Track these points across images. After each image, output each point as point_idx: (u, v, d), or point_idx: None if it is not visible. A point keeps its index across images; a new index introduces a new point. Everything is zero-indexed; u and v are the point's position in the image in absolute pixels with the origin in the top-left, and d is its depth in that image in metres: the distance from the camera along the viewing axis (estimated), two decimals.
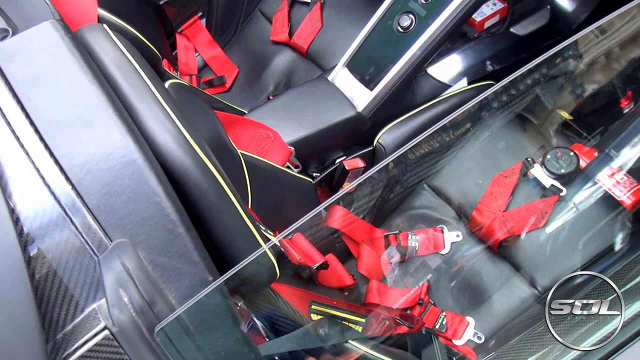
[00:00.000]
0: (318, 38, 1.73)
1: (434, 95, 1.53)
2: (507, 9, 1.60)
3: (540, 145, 1.42)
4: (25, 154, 0.57)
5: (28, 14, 0.69)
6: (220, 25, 1.87)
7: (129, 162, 0.58)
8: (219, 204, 0.68)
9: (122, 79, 0.67)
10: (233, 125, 1.33)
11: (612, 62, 1.43)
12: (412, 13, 1.39)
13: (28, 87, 0.60)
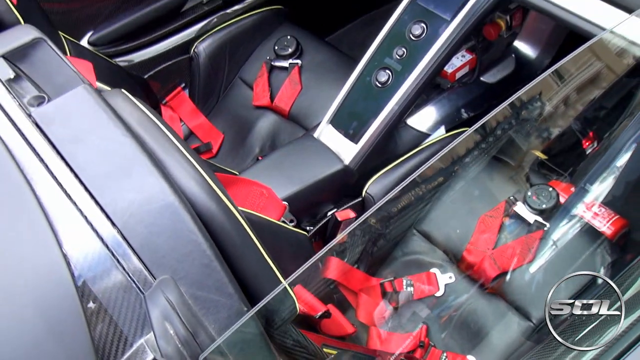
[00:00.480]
0: (299, 100, 1.84)
1: (415, 145, 1.63)
2: (476, 59, 1.74)
3: (519, 185, 1.52)
4: (73, 204, 0.63)
5: (57, 82, 0.76)
6: (202, 94, 1.98)
7: (167, 205, 0.64)
8: (243, 243, 0.75)
9: (146, 135, 0.74)
10: (228, 185, 1.40)
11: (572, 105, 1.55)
12: (388, 69, 1.51)
13: (70, 145, 0.67)
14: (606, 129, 1.50)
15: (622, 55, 1.35)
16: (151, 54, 1.96)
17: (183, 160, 0.75)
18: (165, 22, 1.97)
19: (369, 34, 1.67)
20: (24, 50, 0.78)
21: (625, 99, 1.46)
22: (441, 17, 1.48)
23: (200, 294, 0.64)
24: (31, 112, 0.71)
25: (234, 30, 1.99)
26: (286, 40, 1.93)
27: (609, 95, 1.48)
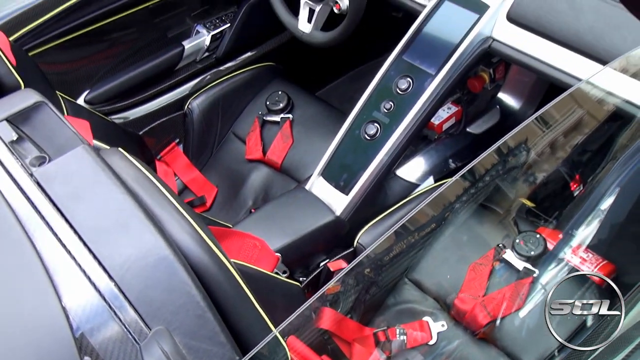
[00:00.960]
0: (290, 153, 1.89)
1: (404, 195, 1.67)
2: (461, 111, 1.80)
3: (507, 232, 1.55)
4: (72, 259, 0.67)
5: (58, 143, 0.81)
6: (196, 149, 2.03)
7: (162, 259, 0.68)
8: (235, 294, 0.78)
9: (142, 191, 0.78)
10: (222, 238, 1.43)
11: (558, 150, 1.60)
12: (376, 122, 1.56)
13: (69, 203, 0.71)
14: (590, 173, 1.54)
15: (602, 102, 1.41)
16: (146, 111, 2.02)
17: (177, 215, 0.78)
18: (159, 80, 2.04)
19: (358, 88, 1.73)
20: (26, 113, 0.82)
21: (607, 143, 1.51)
22: (426, 71, 1.54)
23: (194, 344, 0.66)
24: (33, 171, 0.75)
25: (226, 87, 2.05)
26: (277, 96, 2.00)
27: (592, 139, 1.53)
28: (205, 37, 2.09)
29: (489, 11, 1.49)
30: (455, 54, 1.51)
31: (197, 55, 2.11)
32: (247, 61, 2.21)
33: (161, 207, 0.78)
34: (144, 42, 2.00)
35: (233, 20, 2.14)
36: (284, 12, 1.87)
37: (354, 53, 2.35)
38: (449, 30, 1.54)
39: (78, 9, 1.73)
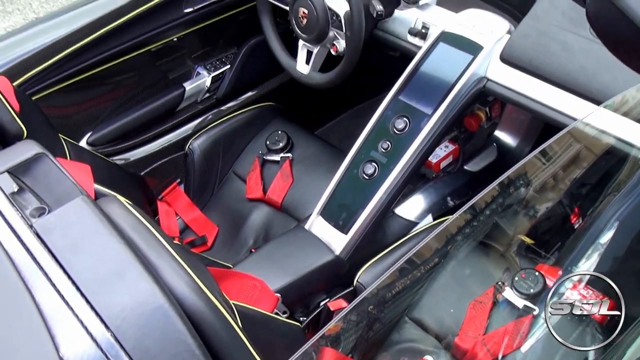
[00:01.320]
0: (290, 192, 1.90)
1: (403, 233, 1.68)
2: (459, 149, 1.82)
3: (505, 268, 1.56)
4: (69, 309, 0.68)
5: (57, 193, 0.83)
6: (197, 189, 2.05)
7: (158, 307, 0.69)
8: (232, 342, 0.79)
9: (139, 240, 0.80)
10: (222, 279, 1.44)
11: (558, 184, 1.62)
12: (374, 162, 1.58)
13: (68, 253, 0.72)
14: (589, 206, 1.55)
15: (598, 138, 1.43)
16: (147, 152, 2.05)
17: (173, 262, 0.80)
18: (161, 121, 2.07)
19: (357, 125, 1.75)
20: (27, 165, 0.84)
21: (605, 177, 1.52)
22: (422, 111, 1.57)
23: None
24: (32, 222, 0.77)
25: (227, 127, 2.08)
26: (277, 135, 2.02)
27: (590, 173, 1.54)
28: (206, 78, 2.13)
29: (483, 52, 1.52)
30: (451, 93, 1.53)
31: (198, 96, 2.14)
32: (247, 101, 2.25)
33: (158, 254, 0.80)
34: (146, 84, 2.03)
35: (233, 62, 2.18)
36: (283, 54, 1.91)
37: (353, 91, 2.39)
38: (444, 70, 1.57)
39: (81, 54, 1.76)
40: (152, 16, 1.87)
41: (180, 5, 1.93)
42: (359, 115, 2.50)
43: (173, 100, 2.06)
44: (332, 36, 1.73)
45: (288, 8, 1.80)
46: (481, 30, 1.55)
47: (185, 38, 2.06)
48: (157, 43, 1.98)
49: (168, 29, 1.95)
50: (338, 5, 1.66)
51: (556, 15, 1.45)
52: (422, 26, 1.68)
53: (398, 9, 1.73)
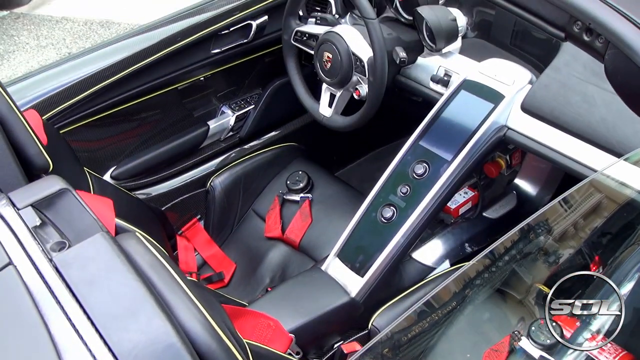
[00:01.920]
0: (309, 232, 1.91)
1: (420, 278, 1.67)
2: (478, 196, 1.82)
3: (522, 317, 1.54)
4: (83, 344, 0.69)
5: (78, 228, 0.85)
6: (217, 226, 2.06)
7: (169, 346, 0.70)
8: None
9: (156, 277, 0.81)
10: (237, 317, 1.45)
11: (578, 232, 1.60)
12: (393, 205, 1.58)
13: (85, 288, 0.74)
14: (610, 255, 1.53)
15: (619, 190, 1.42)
16: (169, 188, 2.08)
17: (188, 300, 0.81)
18: (183, 158, 2.10)
19: (378, 168, 1.76)
20: (51, 199, 0.87)
21: (627, 227, 1.51)
22: (442, 157, 1.57)
23: None
24: (52, 257, 0.79)
25: (249, 166, 2.11)
26: (298, 175, 2.04)
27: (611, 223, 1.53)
28: (230, 117, 2.17)
29: (504, 101, 1.53)
30: (471, 141, 1.54)
31: (222, 134, 2.18)
32: (270, 141, 2.28)
33: (172, 292, 0.81)
34: (171, 121, 2.07)
35: (257, 102, 2.22)
36: (306, 97, 1.94)
37: (374, 135, 2.41)
38: (465, 118, 1.58)
39: (110, 90, 1.80)
40: (181, 55, 1.92)
41: (208, 46, 1.98)
42: (379, 159, 2.52)
43: (197, 138, 2.10)
44: (355, 80, 1.75)
45: (313, 52, 1.83)
46: (503, 79, 1.56)
47: (211, 77, 2.10)
48: (184, 82, 2.03)
49: (195, 69, 2.00)
50: (362, 51, 1.69)
51: (577, 67, 1.46)
52: (444, 73, 1.70)
53: (421, 56, 1.75)
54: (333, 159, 2.47)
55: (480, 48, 1.78)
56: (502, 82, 1.56)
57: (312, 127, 2.26)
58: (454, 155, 1.56)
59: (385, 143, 2.55)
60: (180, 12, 1.97)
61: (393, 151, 1.71)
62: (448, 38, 1.64)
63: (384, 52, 1.62)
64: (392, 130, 2.43)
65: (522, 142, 1.52)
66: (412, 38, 1.73)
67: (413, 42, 1.73)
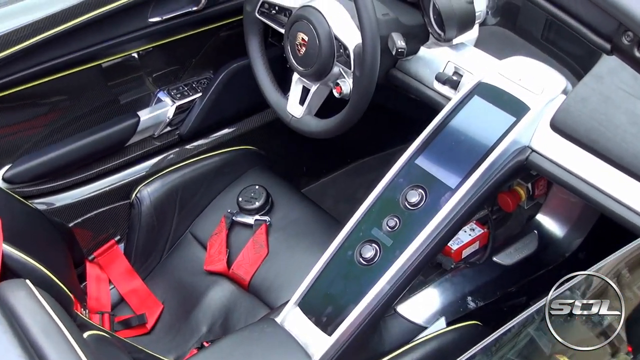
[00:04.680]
0: (263, 268, 1.89)
1: (406, 339, 1.66)
2: (488, 235, 1.81)
3: None
4: None
5: None
6: (142, 251, 2.04)
7: None
8: None
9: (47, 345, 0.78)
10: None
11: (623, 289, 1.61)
12: (376, 242, 1.56)
13: None
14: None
15: None
16: (80, 197, 2.04)
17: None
18: (103, 158, 2.07)
19: (359, 185, 1.75)
20: None
21: None
22: (444, 183, 1.56)
23: None
24: None
25: (188, 173, 2.08)
26: (254, 191, 2.02)
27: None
28: (168, 107, 2.15)
29: (529, 115, 1.52)
30: (484, 163, 1.53)
31: (156, 129, 2.15)
32: (220, 142, 2.26)
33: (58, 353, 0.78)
34: (88, 108, 2.03)
35: (206, 89, 2.20)
36: (271, 88, 1.92)
37: (357, 141, 2.40)
38: (477, 132, 1.57)
39: (7, 63, 1.76)
40: (107, 23, 1.89)
41: (145, 12, 1.95)
42: (361, 173, 2.51)
43: (122, 132, 2.07)
44: (337, 73, 1.74)
45: (283, 31, 1.81)
46: (529, 85, 1.56)
47: (147, 54, 2.08)
48: (111, 57, 2.00)
49: (126, 41, 1.97)
50: (347, 35, 1.67)
51: (626, 78, 1.46)
52: (453, 72, 1.69)
53: (424, 46, 1.75)
54: (301, 171, 2.45)
55: (503, 41, 1.77)
56: (528, 89, 1.56)
57: (276, 128, 2.24)
58: (461, 180, 1.55)
59: (370, 153, 2.55)
60: None
61: (380, 164, 1.70)
62: (461, 25, 1.63)
63: (377, 39, 1.60)
64: (381, 137, 2.42)
65: (549, 170, 1.52)
66: (415, 22, 1.72)
67: (415, 28, 1.72)
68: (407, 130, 1.68)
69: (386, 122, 2.29)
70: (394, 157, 1.65)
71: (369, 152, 2.56)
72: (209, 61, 2.23)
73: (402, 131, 1.84)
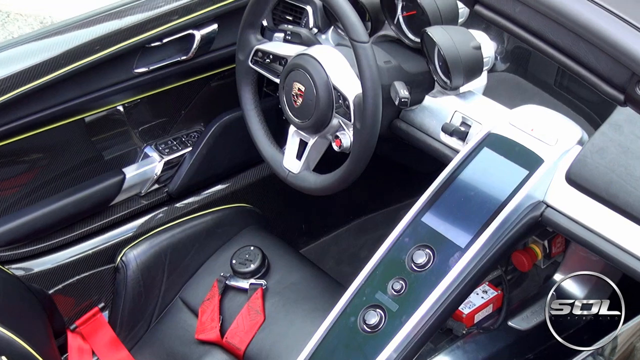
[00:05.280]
0: (259, 336, 1.89)
1: None
2: (502, 297, 1.81)
3: None
4: None
5: None
6: (128, 319, 2.03)
7: None
8: None
9: None
10: None
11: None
12: (380, 308, 1.56)
13: None
14: None
15: None
16: (61, 261, 2.04)
17: None
18: (86, 219, 2.08)
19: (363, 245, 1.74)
20: None
21: None
22: (453, 242, 1.56)
23: None
24: None
25: (179, 234, 2.09)
26: (248, 252, 2.02)
27: None
28: (156, 163, 2.16)
29: (543, 167, 1.53)
30: (495, 221, 1.53)
31: (143, 187, 2.16)
32: (212, 199, 2.26)
33: None
34: (70, 165, 2.04)
35: (197, 143, 2.22)
36: (265, 142, 1.93)
37: (360, 197, 2.40)
38: (487, 187, 1.58)
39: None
40: (91, 75, 1.91)
41: (131, 62, 1.98)
42: (365, 231, 2.50)
43: (107, 191, 2.08)
44: (336, 125, 1.75)
45: (278, 81, 1.83)
46: (542, 136, 1.57)
47: (133, 107, 2.10)
48: (94, 111, 2.02)
49: (111, 94, 1.99)
50: (347, 85, 1.69)
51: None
52: (461, 122, 1.70)
53: (430, 95, 1.76)
54: (300, 229, 2.45)
55: (513, 88, 1.79)
56: (542, 139, 1.57)
57: (272, 184, 2.25)
58: (471, 239, 1.55)
59: (374, 209, 2.55)
60: (94, 14, 1.97)
61: (386, 221, 1.70)
62: (468, 72, 1.65)
63: (378, 88, 1.62)
64: (386, 192, 2.43)
65: (566, 227, 1.52)
66: (419, 69, 1.74)
67: (419, 75, 1.74)
68: (414, 184, 1.69)
69: (391, 176, 2.30)
70: (399, 214, 1.66)
71: (373, 208, 2.56)
72: (199, 113, 2.24)
73: (408, 185, 1.85)
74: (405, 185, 1.98)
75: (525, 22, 1.19)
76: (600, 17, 1.16)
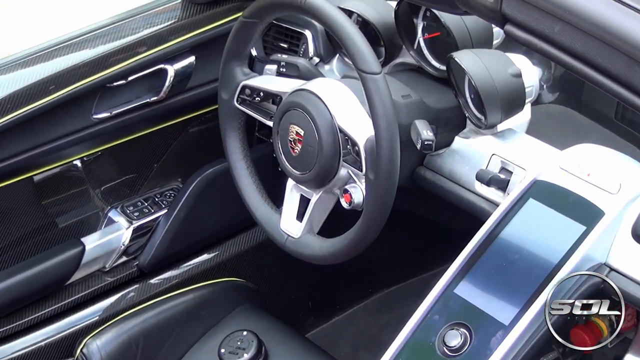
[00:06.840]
0: None
1: None
2: None
3: None
4: None
5: None
6: None
7: None
8: None
9: None
10: None
11: None
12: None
13: None
14: None
15: None
16: (5, 356, 2.03)
17: None
18: (37, 302, 2.08)
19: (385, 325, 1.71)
20: None
21: None
22: (495, 319, 1.56)
23: None
24: None
25: (152, 318, 2.09)
26: (241, 338, 2.01)
27: None
28: (123, 230, 2.16)
29: (604, 221, 1.53)
30: (545, 291, 1.53)
31: (107, 260, 2.16)
32: (193, 274, 2.27)
33: None
34: (14, 237, 2.06)
35: (173, 204, 2.23)
36: (257, 199, 1.93)
37: (380, 264, 2.40)
38: (535, 249, 1.58)
39: None
40: (42, 123, 1.93)
41: (87, 107, 1.99)
42: (387, 307, 2.50)
43: (62, 267, 2.08)
44: (344, 176, 1.75)
45: (272, 124, 1.84)
46: (602, 182, 1.57)
47: (92, 161, 2.11)
48: (45, 167, 2.03)
49: (65, 146, 2.00)
50: (356, 127, 1.69)
51: None
52: (500, 168, 1.71)
53: (460, 136, 1.77)
54: (306, 308, 2.45)
55: (564, 123, 1.80)
56: (601, 187, 1.57)
57: (268, 252, 2.26)
58: (516, 314, 1.54)
59: (397, 280, 2.55)
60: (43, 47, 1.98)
61: (411, 294, 1.70)
62: (507, 106, 1.66)
63: (395, 129, 1.62)
64: (411, 257, 2.43)
65: (636, 295, 1.52)
66: (446, 104, 1.75)
67: (447, 111, 1.75)
68: (444, 247, 1.69)
69: (415, 237, 2.30)
70: (427, 285, 1.66)
71: (395, 279, 2.55)
72: (175, 167, 2.26)
73: (438, 248, 1.84)
74: (433, 249, 1.97)
75: (567, 44, 1.18)
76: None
